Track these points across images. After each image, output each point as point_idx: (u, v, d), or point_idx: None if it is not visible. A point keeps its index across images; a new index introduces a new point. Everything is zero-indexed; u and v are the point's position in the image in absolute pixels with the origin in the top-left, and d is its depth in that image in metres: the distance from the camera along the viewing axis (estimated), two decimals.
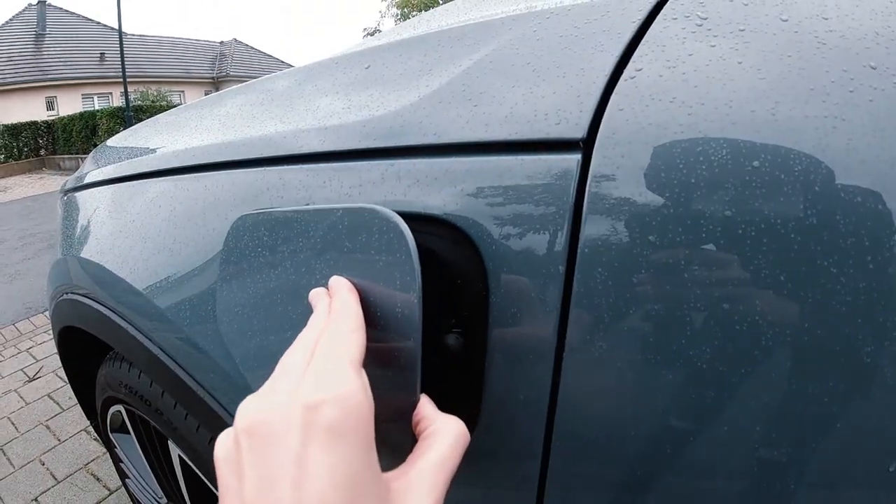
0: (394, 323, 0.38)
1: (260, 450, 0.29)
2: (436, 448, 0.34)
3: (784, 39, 0.33)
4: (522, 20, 0.45)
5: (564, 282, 0.36)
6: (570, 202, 0.36)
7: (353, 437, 0.29)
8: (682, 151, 0.33)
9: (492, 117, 0.40)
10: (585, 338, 0.35)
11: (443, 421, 0.36)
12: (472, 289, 0.40)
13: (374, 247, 0.39)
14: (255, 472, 0.29)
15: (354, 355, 0.34)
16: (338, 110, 0.53)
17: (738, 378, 0.31)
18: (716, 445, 0.33)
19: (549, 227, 0.36)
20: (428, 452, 0.34)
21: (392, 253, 0.38)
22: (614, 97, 0.36)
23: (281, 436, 0.29)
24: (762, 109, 0.31)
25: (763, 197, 0.30)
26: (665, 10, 0.38)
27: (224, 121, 0.72)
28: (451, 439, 0.35)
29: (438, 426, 0.36)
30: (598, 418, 0.36)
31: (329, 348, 0.34)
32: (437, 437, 0.35)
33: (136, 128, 1.16)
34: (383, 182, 0.44)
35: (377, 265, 0.39)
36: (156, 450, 1.05)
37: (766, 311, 0.30)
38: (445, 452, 0.34)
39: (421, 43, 0.53)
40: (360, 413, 0.30)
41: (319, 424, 0.29)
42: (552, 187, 0.36)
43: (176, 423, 0.81)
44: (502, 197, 0.38)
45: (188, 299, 0.65)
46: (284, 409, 0.30)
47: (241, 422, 0.31)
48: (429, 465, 0.33)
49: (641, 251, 0.33)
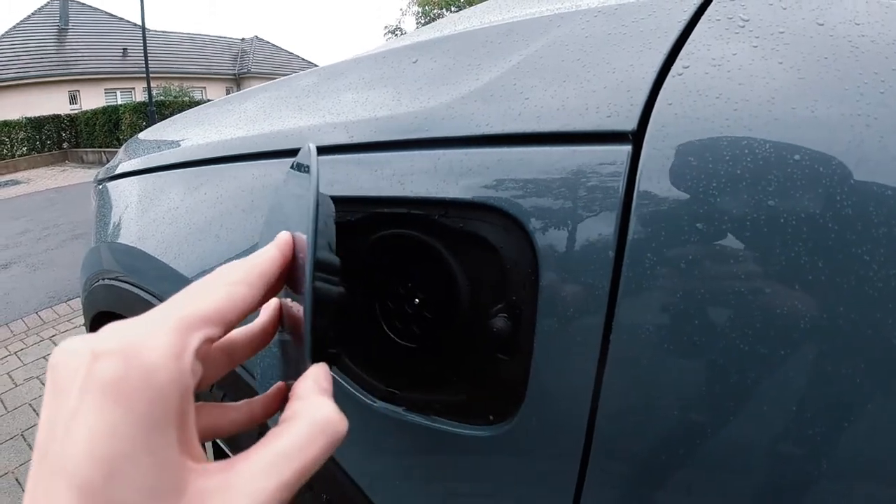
0: (298, 274, 0.34)
1: (53, 389, 0.26)
2: (286, 437, 0.27)
3: (820, 42, 0.35)
4: (570, 18, 0.47)
5: (613, 268, 0.37)
6: (620, 191, 0.37)
7: (130, 403, 0.24)
8: (727, 145, 0.34)
9: (544, 110, 0.42)
10: (633, 324, 0.37)
11: (310, 402, 0.30)
12: (522, 274, 0.42)
13: (296, 186, 0.38)
14: (46, 412, 0.26)
15: (191, 311, 0.28)
16: (387, 102, 0.55)
17: (791, 372, 0.33)
18: (768, 442, 0.34)
19: (600, 214, 0.38)
20: (273, 441, 0.27)
21: (302, 189, 0.36)
22: (663, 92, 0.38)
23: (69, 380, 0.25)
24: (801, 107, 0.33)
25: (803, 189, 0.32)
26: (709, 11, 0.40)
27: (270, 111, 0.74)
28: (309, 427, 0.28)
29: (299, 408, 0.29)
30: (641, 407, 0.38)
31: (180, 297, 0.29)
32: (293, 422, 0.28)
33: (171, 121, 1.19)
34: (435, 171, 0.46)
35: (296, 207, 0.37)
36: None
37: (806, 301, 0.32)
38: (296, 443, 0.27)
39: (468, 38, 0.55)
40: (150, 378, 0.24)
41: (95, 377, 0.24)
42: (603, 176, 0.38)
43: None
44: (554, 185, 0.40)
45: None
46: (80, 352, 0.25)
47: (53, 355, 0.27)
48: (267, 459, 0.26)
49: (689, 239, 0.35)
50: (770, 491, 0.35)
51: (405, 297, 0.50)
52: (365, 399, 0.52)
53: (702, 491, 0.37)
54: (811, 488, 0.33)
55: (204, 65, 26.85)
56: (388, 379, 0.52)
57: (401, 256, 0.50)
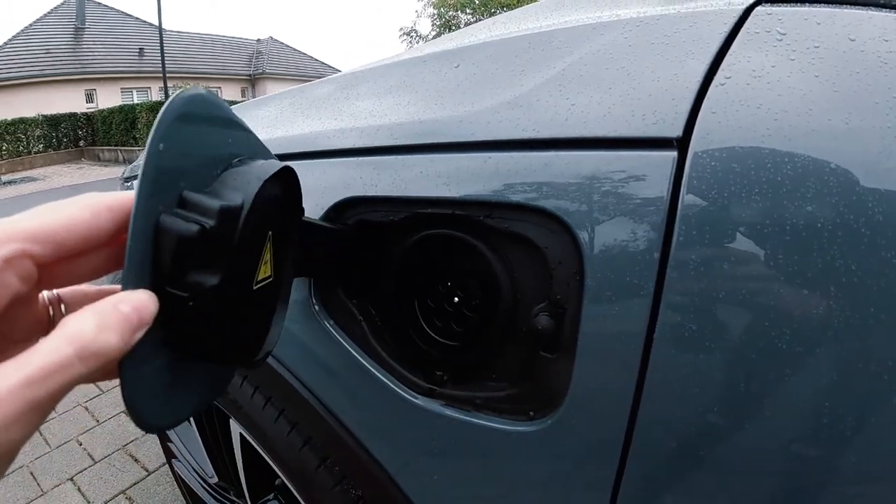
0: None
1: None
2: (41, 344, 0.25)
3: (852, 57, 0.36)
4: (612, 27, 0.49)
5: (658, 269, 0.39)
6: (666, 195, 0.39)
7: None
8: (769, 152, 0.36)
9: (590, 116, 0.43)
10: (676, 324, 0.38)
11: (77, 316, 0.27)
12: (567, 274, 0.43)
13: None
14: None
15: (20, 226, 0.28)
16: (430, 106, 0.56)
17: (833, 373, 0.34)
18: (816, 446, 0.35)
19: (646, 216, 0.39)
20: (32, 350, 0.25)
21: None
22: (706, 101, 0.39)
23: None
24: (836, 118, 0.35)
25: (839, 195, 0.33)
26: (748, 24, 0.42)
27: (308, 112, 0.76)
28: (58, 337, 0.26)
29: (66, 320, 0.27)
30: (682, 407, 0.39)
31: (28, 212, 0.29)
32: (43, 344, 0.25)
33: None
34: (481, 172, 0.48)
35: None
36: (213, 429, 1.09)
37: (842, 303, 0.33)
38: (44, 348, 0.25)
39: (511, 44, 0.56)
40: None
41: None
42: (649, 180, 0.39)
43: (241, 402, 0.85)
44: (601, 188, 0.41)
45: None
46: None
47: None
48: (19, 360, 0.24)
49: (731, 242, 0.36)
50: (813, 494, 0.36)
51: (446, 295, 0.52)
52: (405, 395, 0.54)
53: (742, 492, 0.38)
54: (861, 491, 0.35)
55: (219, 65, 27.00)
56: (429, 375, 0.54)
57: (443, 256, 0.51)
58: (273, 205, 0.40)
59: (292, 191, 0.43)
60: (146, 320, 0.29)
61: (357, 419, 0.62)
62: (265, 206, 0.37)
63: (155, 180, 0.31)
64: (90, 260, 0.33)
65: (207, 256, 0.33)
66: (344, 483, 0.71)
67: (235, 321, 0.36)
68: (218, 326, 0.34)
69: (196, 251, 0.32)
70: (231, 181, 0.36)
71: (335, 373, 0.62)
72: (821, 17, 0.40)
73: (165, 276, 0.32)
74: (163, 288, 0.32)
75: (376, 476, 0.59)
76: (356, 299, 0.61)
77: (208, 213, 0.33)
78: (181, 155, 0.33)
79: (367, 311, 0.60)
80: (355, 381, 0.59)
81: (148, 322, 0.29)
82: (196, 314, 0.33)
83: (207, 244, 0.32)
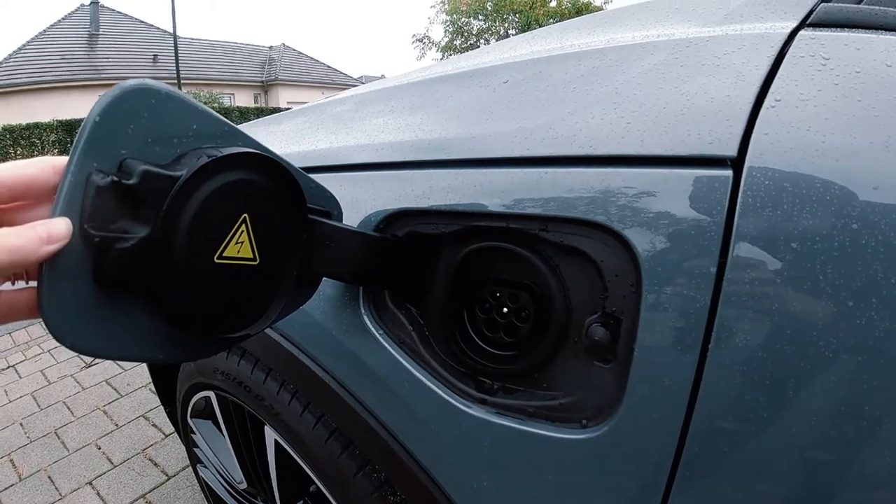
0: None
1: None
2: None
3: (890, 83, 0.39)
4: (663, 47, 0.50)
5: (715, 283, 0.40)
6: (722, 212, 0.40)
7: None
8: (818, 172, 0.38)
9: (646, 134, 0.45)
10: (731, 337, 0.40)
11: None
12: (623, 287, 0.45)
13: None
14: None
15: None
16: (481, 121, 0.58)
17: (885, 382, 0.36)
18: (873, 454, 0.37)
19: (702, 232, 0.41)
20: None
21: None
22: (759, 123, 0.41)
23: None
24: (878, 141, 0.37)
25: (881, 213, 0.36)
26: (793, 48, 0.44)
27: (360, 122, 0.78)
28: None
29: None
30: (735, 418, 0.40)
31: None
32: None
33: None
34: (538, 186, 0.49)
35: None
36: (246, 435, 1.10)
37: (889, 311, 0.35)
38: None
39: (560, 61, 0.58)
40: None
41: None
42: (705, 198, 0.41)
43: (277, 409, 0.87)
44: (657, 204, 0.43)
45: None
46: None
47: None
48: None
49: (785, 257, 0.38)
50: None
51: (496, 306, 0.53)
52: (456, 403, 0.55)
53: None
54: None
55: (232, 72, 27.15)
56: (478, 384, 0.55)
57: (494, 267, 0.53)
58: (249, 191, 0.43)
59: (289, 187, 0.46)
60: (55, 237, 0.34)
61: (403, 426, 0.63)
62: (228, 188, 0.41)
63: (89, 144, 0.36)
64: (39, 212, 0.38)
65: (136, 211, 0.38)
66: (383, 489, 0.72)
67: (187, 284, 0.41)
68: (159, 280, 0.39)
69: (116, 203, 0.37)
70: (187, 160, 0.41)
71: (382, 380, 0.63)
72: (860, 43, 0.42)
73: (86, 219, 0.36)
74: (86, 228, 0.36)
75: (422, 483, 0.61)
76: (406, 309, 0.62)
77: (133, 174, 0.37)
78: (120, 130, 0.38)
79: (416, 320, 0.62)
80: (403, 388, 0.61)
81: (57, 239, 0.34)
82: (125, 258, 0.38)
83: (129, 198, 0.38)
